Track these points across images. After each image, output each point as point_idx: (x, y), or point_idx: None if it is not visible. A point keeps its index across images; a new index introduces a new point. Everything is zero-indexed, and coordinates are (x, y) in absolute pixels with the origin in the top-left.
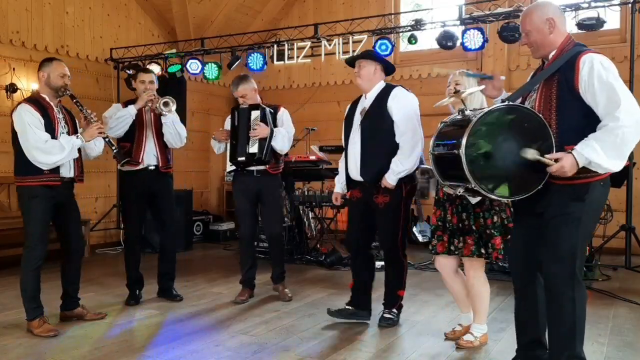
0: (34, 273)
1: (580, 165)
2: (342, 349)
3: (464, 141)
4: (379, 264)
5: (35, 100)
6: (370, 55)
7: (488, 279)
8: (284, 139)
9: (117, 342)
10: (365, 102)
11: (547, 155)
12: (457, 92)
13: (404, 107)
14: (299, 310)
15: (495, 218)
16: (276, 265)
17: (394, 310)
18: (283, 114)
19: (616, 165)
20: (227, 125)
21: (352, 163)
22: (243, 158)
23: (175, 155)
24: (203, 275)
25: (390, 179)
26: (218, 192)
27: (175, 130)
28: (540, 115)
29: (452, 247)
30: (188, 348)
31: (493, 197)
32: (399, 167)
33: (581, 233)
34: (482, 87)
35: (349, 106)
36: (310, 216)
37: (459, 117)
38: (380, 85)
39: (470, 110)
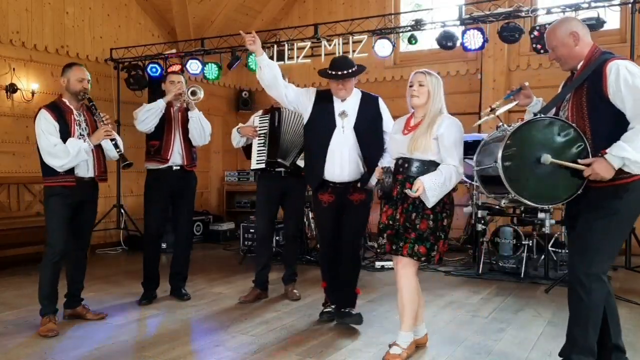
0: (52, 270)
1: (616, 167)
2: (342, 349)
3: (500, 154)
4: (378, 264)
5: (54, 106)
6: (355, 72)
7: (488, 279)
8: None
9: (117, 342)
10: (344, 106)
11: (579, 161)
12: (492, 109)
13: (390, 118)
14: (299, 310)
15: (446, 221)
16: (289, 266)
17: (354, 309)
18: None
19: None
20: (252, 122)
21: (338, 164)
22: (287, 164)
23: None
24: (203, 275)
25: (373, 180)
26: (218, 192)
27: (200, 126)
28: (574, 124)
29: (394, 247)
30: (188, 348)
31: (534, 205)
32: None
33: (613, 229)
34: (516, 102)
35: (313, 103)
36: (310, 216)
37: (498, 133)
38: (356, 91)
39: (505, 125)
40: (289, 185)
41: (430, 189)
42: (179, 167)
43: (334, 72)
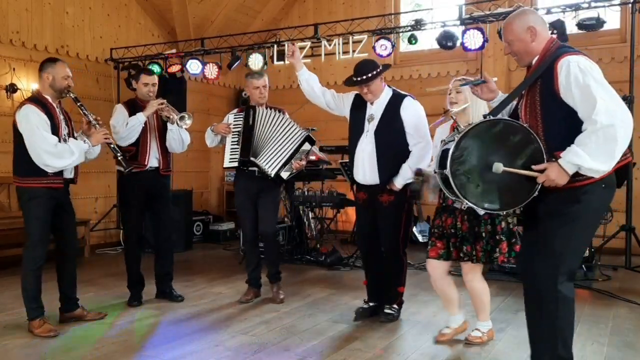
0: (34, 273)
1: (570, 172)
2: (342, 349)
3: (449, 161)
4: None
5: (38, 101)
6: (374, 74)
7: (488, 279)
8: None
9: (117, 342)
10: (373, 109)
11: (533, 167)
12: (446, 111)
13: (415, 117)
14: (299, 310)
15: (503, 224)
16: (270, 265)
17: (395, 306)
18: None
19: (602, 165)
20: (227, 119)
21: (361, 167)
22: (272, 174)
23: (175, 155)
24: (203, 275)
25: (398, 182)
26: (218, 192)
27: (179, 137)
28: (526, 124)
29: (462, 254)
30: (188, 348)
31: (484, 211)
32: (408, 174)
33: (576, 235)
34: (468, 104)
35: (350, 109)
36: (310, 216)
37: (454, 133)
38: (388, 92)
39: (462, 127)
40: (263, 185)
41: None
42: (154, 169)
43: (353, 79)
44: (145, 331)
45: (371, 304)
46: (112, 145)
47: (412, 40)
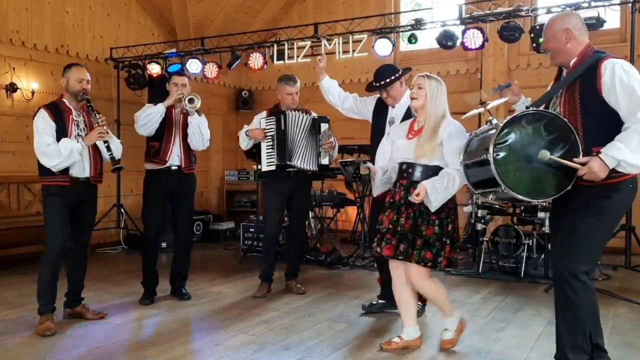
0: (50, 269)
1: (611, 167)
2: (342, 349)
3: (491, 146)
4: None
5: (54, 105)
6: (392, 80)
7: (488, 278)
8: (337, 148)
9: (117, 342)
10: (394, 113)
11: (575, 159)
12: (483, 103)
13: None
14: (299, 310)
15: (450, 227)
16: (292, 262)
17: (419, 303)
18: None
19: None
20: (257, 123)
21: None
22: (316, 169)
23: None
24: (203, 274)
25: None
26: (218, 191)
27: (199, 131)
28: (566, 119)
29: (397, 252)
30: (188, 347)
31: (524, 199)
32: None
33: (599, 229)
34: (506, 98)
35: (373, 111)
36: (310, 216)
37: (487, 126)
38: (408, 94)
39: (495, 120)
40: (296, 185)
41: (432, 193)
42: (176, 167)
43: (373, 84)
44: (145, 331)
45: (381, 301)
46: (106, 144)
47: (412, 39)
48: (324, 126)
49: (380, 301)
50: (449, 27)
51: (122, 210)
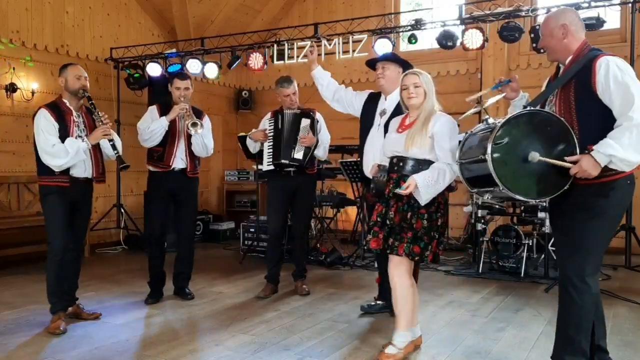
0: (53, 267)
1: (602, 164)
2: (342, 349)
3: (489, 146)
4: None
5: (54, 105)
6: (394, 57)
7: (488, 278)
8: (325, 149)
9: (117, 342)
10: (386, 104)
11: (566, 158)
12: (479, 101)
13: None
14: (299, 310)
15: (440, 221)
16: (298, 262)
17: (379, 302)
18: (320, 120)
19: (634, 155)
20: (263, 125)
21: (371, 161)
22: (287, 161)
23: None
24: (203, 274)
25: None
26: (218, 191)
27: (202, 143)
28: (562, 118)
29: (386, 245)
30: (188, 347)
31: (521, 199)
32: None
33: (601, 228)
34: (503, 94)
35: (363, 103)
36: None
37: (483, 125)
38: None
39: (492, 119)
40: (298, 184)
41: (423, 186)
42: (180, 170)
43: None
44: (145, 331)
45: (379, 302)
46: (111, 142)
47: (412, 39)
48: (304, 121)
49: (378, 302)
50: (449, 27)
51: (122, 210)
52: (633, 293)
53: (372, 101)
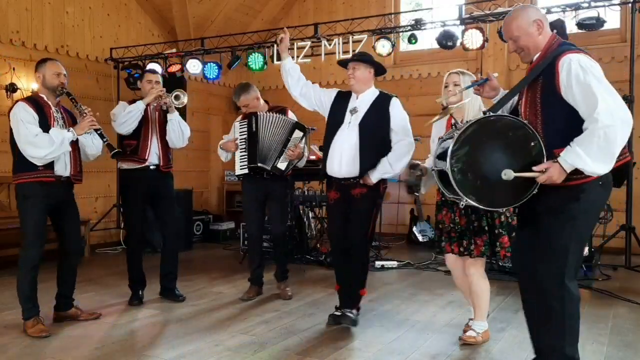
0: (30, 273)
1: (568, 171)
2: (342, 349)
3: (448, 157)
4: (378, 263)
5: (32, 99)
6: (364, 58)
7: (488, 278)
8: (304, 160)
9: (117, 342)
10: (357, 103)
11: (534, 168)
12: (444, 108)
13: (403, 115)
14: (299, 310)
15: (502, 217)
16: (279, 264)
17: (354, 310)
18: (292, 117)
19: (603, 167)
20: (234, 127)
21: (337, 159)
22: (267, 167)
23: (175, 155)
24: (203, 275)
25: (374, 176)
26: (218, 191)
27: (179, 128)
28: (525, 120)
29: (462, 249)
30: (188, 348)
31: (484, 208)
32: (386, 168)
33: (574, 233)
34: (468, 99)
35: (332, 101)
36: (310, 216)
37: (451, 130)
38: (375, 91)
39: (460, 123)
40: (270, 187)
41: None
42: (155, 167)
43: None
44: (145, 331)
45: (344, 310)
46: (99, 131)
47: (412, 39)
48: (297, 133)
49: (344, 310)
50: (449, 27)
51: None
52: (633, 293)
53: (342, 99)
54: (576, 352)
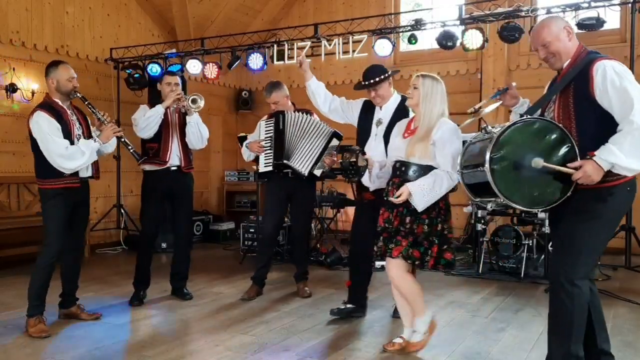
0: (45, 270)
1: (605, 169)
2: (342, 349)
3: (487, 157)
4: (379, 264)
5: (49, 107)
6: (380, 79)
7: (488, 278)
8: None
9: (117, 342)
10: (381, 114)
11: (568, 164)
12: (476, 111)
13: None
14: (299, 310)
15: (440, 227)
16: (299, 265)
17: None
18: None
19: (637, 163)
20: (259, 127)
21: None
22: (306, 174)
23: None
24: (203, 275)
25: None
26: (218, 192)
27: (198, 131)
28: (561, 124)
29: (388, 249)
30: (188, 348)
31: (523, 208)
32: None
33: (596, 232)
34: (500, 103)
35: (359, 112)
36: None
37: (481, 134)
38: (396, 97)
39: (492, 127)
40: (295, 187)
41: (417, 193)
42: (176, 168)
43: (362, 82)
44: (145, 331)
45: (349, 306)
46: (122, 139)
47: (412, 40)
48: (335, 142)
49: (348, 306)
50: (449, 27)
51: (122, 210)
52: (633, 293)
53: (368, 111)
54: (580, 350)
